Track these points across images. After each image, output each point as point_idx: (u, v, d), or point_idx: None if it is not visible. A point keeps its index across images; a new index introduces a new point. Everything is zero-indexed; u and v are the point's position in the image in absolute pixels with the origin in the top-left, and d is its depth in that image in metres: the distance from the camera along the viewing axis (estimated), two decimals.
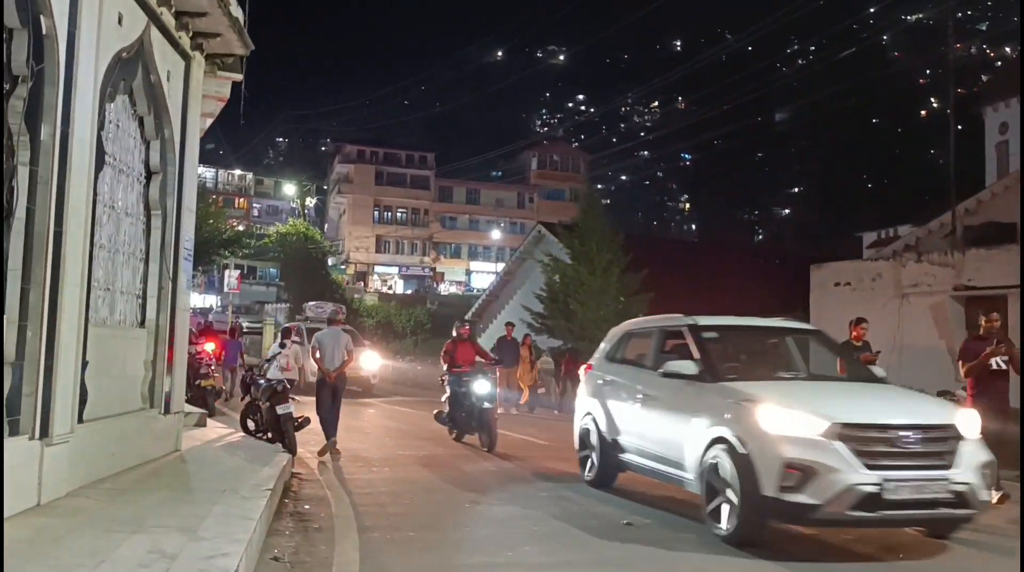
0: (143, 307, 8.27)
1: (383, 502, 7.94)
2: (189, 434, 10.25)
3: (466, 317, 34.46)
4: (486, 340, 31.75)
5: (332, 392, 11.14)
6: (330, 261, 42.78)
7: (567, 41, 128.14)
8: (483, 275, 72.24)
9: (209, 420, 12.54)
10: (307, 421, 10.75)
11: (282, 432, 10.36)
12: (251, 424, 11.46)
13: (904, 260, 19.27)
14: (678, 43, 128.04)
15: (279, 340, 13.30)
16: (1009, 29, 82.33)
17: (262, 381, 10.92)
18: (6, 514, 5.05)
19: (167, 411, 8.47)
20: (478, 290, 64.64)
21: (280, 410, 10.25)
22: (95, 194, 6.70)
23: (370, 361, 22.50)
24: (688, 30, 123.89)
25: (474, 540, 6.71)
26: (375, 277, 72.09)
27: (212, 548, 4.96)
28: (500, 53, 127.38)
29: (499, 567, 5.80)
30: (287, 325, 18.75)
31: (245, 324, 28.80)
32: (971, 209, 22.21)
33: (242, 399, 12.36)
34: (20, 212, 5.62)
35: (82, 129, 6.15)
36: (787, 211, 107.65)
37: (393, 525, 6.95)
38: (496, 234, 73.33)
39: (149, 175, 8.32)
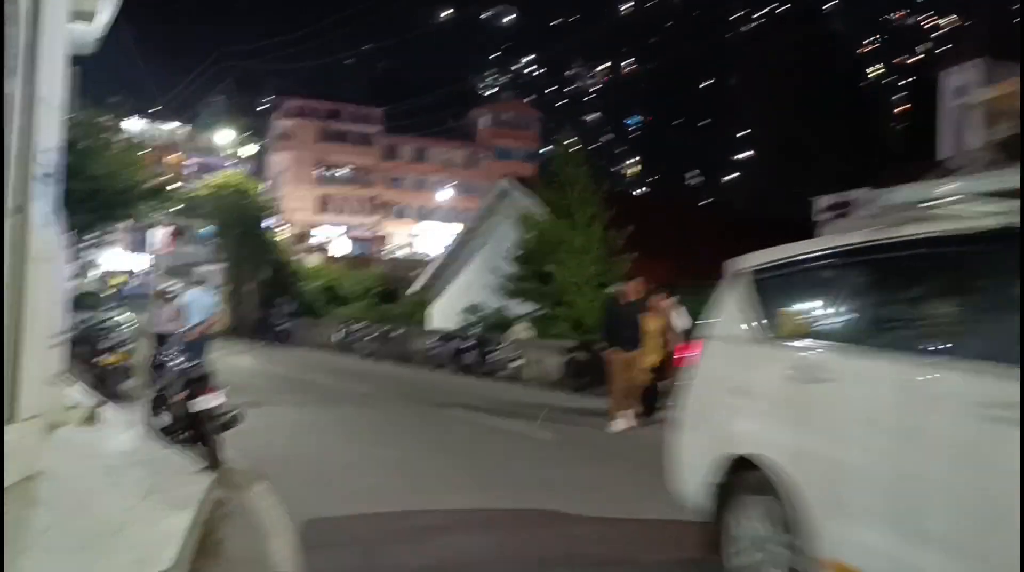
0: None
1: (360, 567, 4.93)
2: (68, 439, 7.15)
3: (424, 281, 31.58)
4: (448, 306, 28.73)
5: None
6: (270, 221, 38.62)
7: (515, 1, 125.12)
8: (431, 237, 69.22)
9: (107, 412, 9.41)
10: (235, 419, 7.66)
11: (202, 434, 7.32)
12: (163, 418, 8.38)
13: None
14: (628, 5, 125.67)
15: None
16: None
17: (172, 364, 7.81)
18: None
19: (12, 418, 5.37)
20: (425, 253, 61.33)
21: (197, 406, 7.17)
22: None
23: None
24: None
25: None
26: (317, 238, 68.25)
27: None
28: (444, 14, 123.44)
29: None
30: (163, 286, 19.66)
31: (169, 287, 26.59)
32: None
33: (149, 386, 9.25)
34: None
35: None
36: (733, 175, 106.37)
37: None
38: (445, 194, 70.22)
39: None
